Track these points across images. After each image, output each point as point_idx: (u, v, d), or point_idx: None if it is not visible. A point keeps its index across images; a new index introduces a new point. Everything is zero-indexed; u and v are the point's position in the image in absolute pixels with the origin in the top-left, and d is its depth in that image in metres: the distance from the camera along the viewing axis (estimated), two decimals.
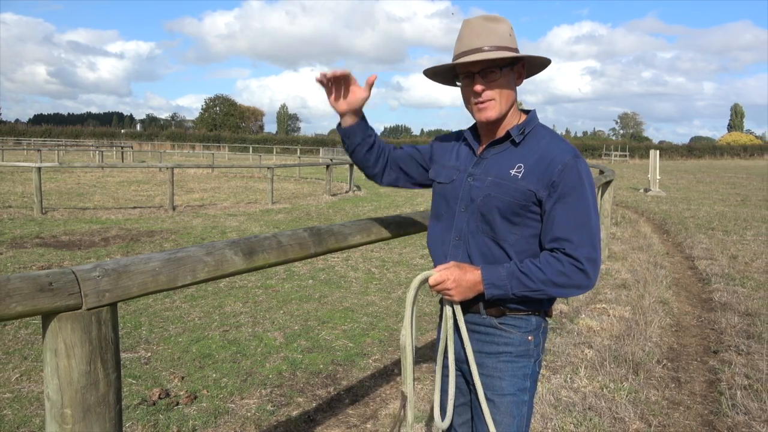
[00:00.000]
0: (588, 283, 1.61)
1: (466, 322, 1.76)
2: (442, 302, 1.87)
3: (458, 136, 1.94)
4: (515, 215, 1.67)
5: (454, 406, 1.88)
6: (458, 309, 1.74)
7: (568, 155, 1.64)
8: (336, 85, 1.79)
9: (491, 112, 1.68)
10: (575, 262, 1.59)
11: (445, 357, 1.82)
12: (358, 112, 1.84)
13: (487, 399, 1.73)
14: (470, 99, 1.71)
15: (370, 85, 1.80)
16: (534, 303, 1.72)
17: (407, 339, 1.75)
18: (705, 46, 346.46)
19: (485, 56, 1.62)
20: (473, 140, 1.83)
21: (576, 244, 1.59)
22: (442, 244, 1.82)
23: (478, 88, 1.66)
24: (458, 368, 1.84)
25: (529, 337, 1.74)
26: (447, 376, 1.83)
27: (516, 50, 1.68)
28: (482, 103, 1.68)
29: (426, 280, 1.70)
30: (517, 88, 1.75)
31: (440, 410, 1.82)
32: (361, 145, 1.89)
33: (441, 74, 1.83)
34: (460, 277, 1.64)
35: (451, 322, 1.75)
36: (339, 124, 1.88)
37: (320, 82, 1.79)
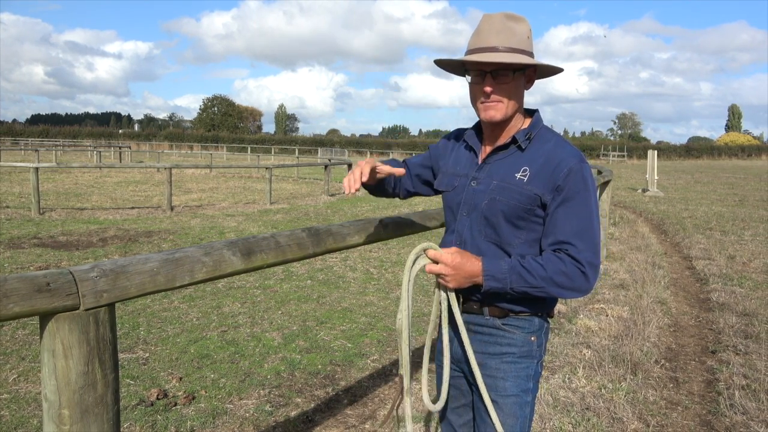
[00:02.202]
0: (587, 287, 1.60)
1: (468, 323, 1.75)
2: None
3: (456, 136, 1.92)
4: (520, 219, 1.66)
5: (454, 407, 1.88)
6: (452, 296, 1.69)
7: (574, 160, 1.63)
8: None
9: (497, 113, 1.66)
10: (578, 264, 1.58)
11: (453, 363, 1.82)
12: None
13: (491, 399, 1.73)
14: (478, 97, 1.68)
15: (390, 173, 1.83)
16: (537, 304, 1.71)
17: (403, 304, 1.67)
18: (701, 46, 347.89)
19: (500, 58, 1.59)
20: (476, 142, 1.81)
21: (578, 247, 1.59)
22: None
23: (488, 89, 1.64)
24: (459, 369, 1.84)
25: (532, 338, 1.74)
26: (452, 381, 1.83)
27: (531, 54, 1.67)
28: (489, 103, 1.66)
29: (425, 251, 1.65)
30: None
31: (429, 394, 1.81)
32: (378, 193, 2.04)
33: (450, 64, 1.82)
34: (460, 264, 1.60)
35: (445, 305, 1.69)
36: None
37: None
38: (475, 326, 1.75)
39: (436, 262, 1.64)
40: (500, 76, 1.63)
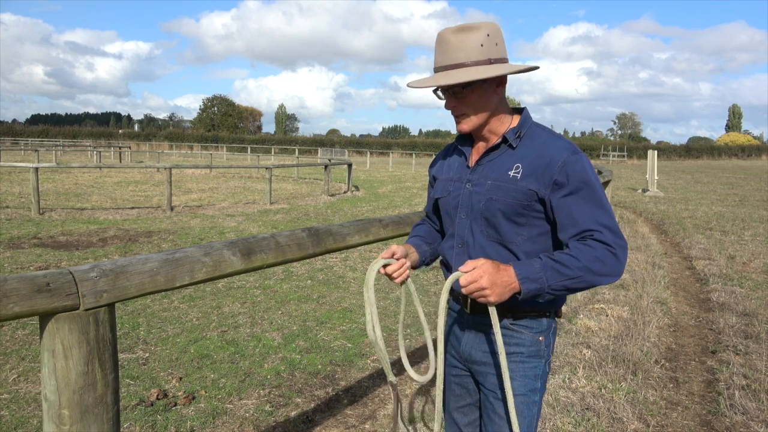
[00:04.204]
0: (620, 268, 1.56)
1: (477, 322, 1.76)
2: (457, 300, 1.85)
3: (448, 147, 1.95)
4: (519, 216, 1.66)
5: (459, 406, 1.90)
6: (493, 312, 1.57)
7: (567, 152, 1.62)
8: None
9: (464, 126, 1.72)
10: (608, 247, 1.55)
11: (459, 362, 1.85)
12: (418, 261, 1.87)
13: (498, 399, 1.73)
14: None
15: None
16: (545, 303, 1.68)
17: (438, 338, 1.67)
18: (700, 47, 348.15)
19: (442, 81, 1.61)
20: (465, 145, 1.83)
21: (602, 232, 1.56)
22: (449, 256, 1.82)
23: (448, 106, 1.71)
24: (467, 368, 1.84)
25: (540, 338, 1.74)
26: (457, 380, 1.86)
27: (488, 61, 1.62)
28: (456, 117, 1.72)
29: (456, 280, 1.54)
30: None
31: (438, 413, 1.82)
32: (432, 246, 1.95)
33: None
34: (495, 275, 1.50)
35: (444, 304, 1.60)
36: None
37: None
38: (483, 326, 1.75)
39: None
40: (458, 92, 1.66)
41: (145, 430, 3.19)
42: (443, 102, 1.77)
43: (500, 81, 1.70)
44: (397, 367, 3.95)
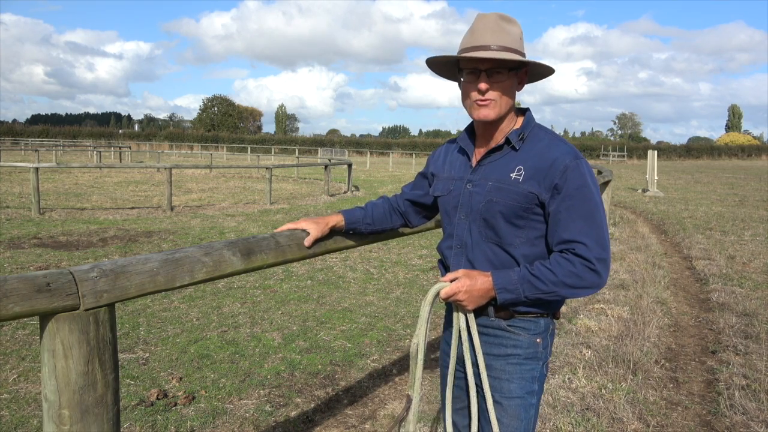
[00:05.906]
0: (600, 282, 1.60)
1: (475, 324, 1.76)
2: (449, 305, 1.85)
3: (450, 143, 1.94)
4: (519, 218, 1.66)
5: (457, 408, 1.89)
6: (471, 316, 1.73)
7: (569, 157, 1.62)
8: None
9: (490, 112, 1.65)
10: (586, 262, 1.58)
11: (457, 364, 1.84)
12: (336, 228, 1.94)
13: (495, 401, 1.72)
14: (470, 95, 1.67)
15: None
16: (543, 305, 1.70)
17: (419, 346, 1.73)
18: (700, 47, 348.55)
19: (498, 55, 1.59)
20: (468, 144, 1.81)
21: (585, 245, 1.58)
22: (447, 256, 1.83)
23: (483, 86, 1.63)
24: (464, 370, 1.84)
25: (538, 340, 1.73)
26: (456, 382, 1.85)
27: (524, 55, 1.67)
28: (483, 101, 1.65)
29: (438, 293, 1.69)
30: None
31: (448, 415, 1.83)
32: (371, 226, 2.00)
33: (442, 66, 1.79)
34: (471, 286, 1.63)
35: (464, 326, 1.75)
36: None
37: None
38: (480, 327, 1.75)
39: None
40: (495, 74, 1.63)
41: (145, 430, 3.19)
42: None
43: (521, 80, 1.72)
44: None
